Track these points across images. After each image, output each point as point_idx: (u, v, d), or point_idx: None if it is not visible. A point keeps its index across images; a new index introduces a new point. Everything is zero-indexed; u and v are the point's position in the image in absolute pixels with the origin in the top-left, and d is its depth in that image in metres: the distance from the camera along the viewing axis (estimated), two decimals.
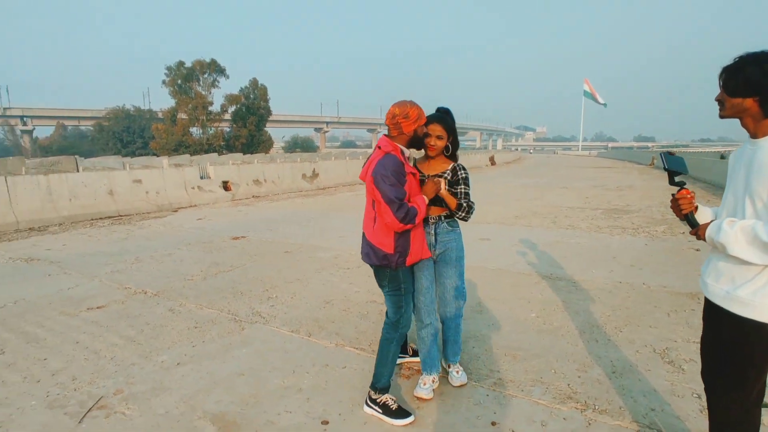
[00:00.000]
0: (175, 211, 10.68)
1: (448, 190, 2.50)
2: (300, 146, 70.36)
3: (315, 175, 16.21)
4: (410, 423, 2.30)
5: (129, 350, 3.22)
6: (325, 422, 2.33)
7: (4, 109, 55.38)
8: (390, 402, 2.36)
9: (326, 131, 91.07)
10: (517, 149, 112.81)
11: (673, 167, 1.70)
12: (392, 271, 2.32)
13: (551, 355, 3.02)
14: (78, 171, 9.68)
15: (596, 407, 2.41)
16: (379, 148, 2.29)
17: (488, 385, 2.67)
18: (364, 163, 2.39)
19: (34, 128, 59.55)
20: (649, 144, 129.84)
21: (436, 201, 2.50)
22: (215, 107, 42.73)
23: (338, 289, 4.51)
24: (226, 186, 13.04)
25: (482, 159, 33.69)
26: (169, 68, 41.11)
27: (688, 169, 1.75)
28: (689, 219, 1.66)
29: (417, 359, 2.89)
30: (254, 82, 45.71)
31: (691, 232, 1.66)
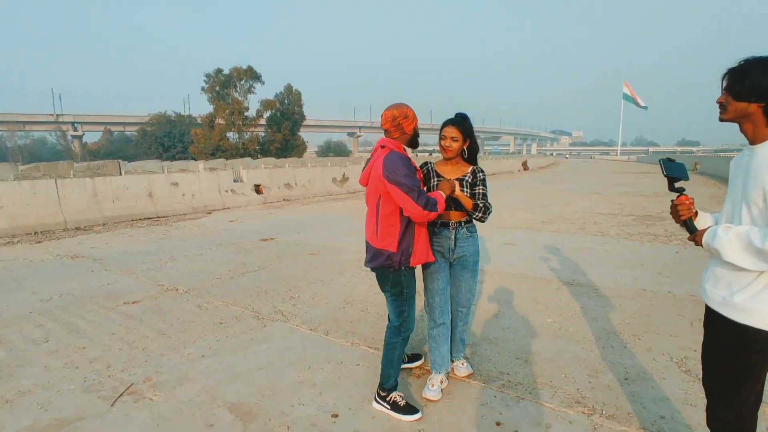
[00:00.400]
0: (210, 213, 11.11)
1: (468, 192, 2.58)
2: (333, 150, 71.27)
3: (345, 179, 16.47)
4: (417, 419, 2.37)
5: (159, 342, 3.43)
6: (335, 415, 2.44)
7: (57, 115, 58.90)
8: (398, 399, 2.44)
9: (359, 135, 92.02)
10: (551, 154, 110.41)
11: (673, 174, 1.72)
12: (395, 273, 2.39)
13: (563, 360, 3.02)
14: (121, 174, 10.22)
15: (604, 412, 2.41)
16: (382, 147, 2.36)
17: (497, 386, 2.71)
18: (364, 167, 2.47)
19: (83, 134, 63.00)
20: (694, 149, 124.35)
21: (457, 206, 2.58)
22: (251, 112, 44.03)
23: (358, 291, 4.62)
24: (258, 189, 13.45)
25: (514, 164, 33.21)
26: (208, 75, 42.70)
27: (688, 175, 1.76)
28: (687, 225, 1.68)
29: (411, 365, 2.96)
30: (289, 88, 46.83)
31: (689, 238, 1.67)
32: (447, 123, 2.60)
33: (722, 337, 1.58)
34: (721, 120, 1.60)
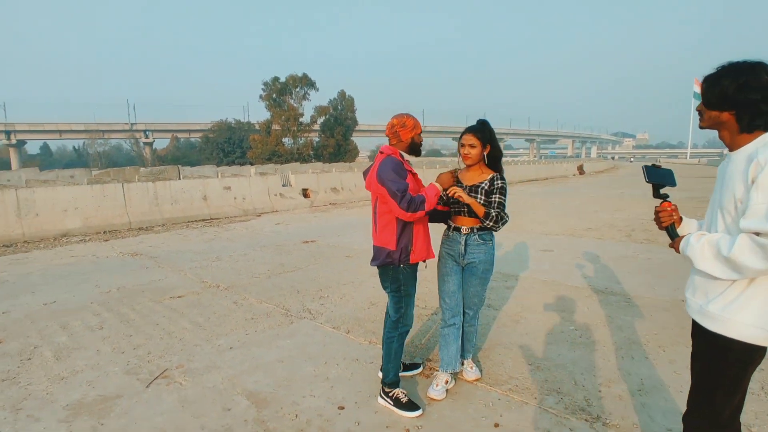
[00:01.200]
0: (259, 215, 11.68)
1: (482, 200, 2.62)
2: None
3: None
4: (417, 416, 2.47)
5: (195, 333, 3.74)
6: (341, 407, 2.59)
7: (131, 124, 63.85)
8: (401, 395, 2.55)
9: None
10: (613, 157, 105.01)
11: (655, 180, 1.72)
12: (395, 271, 2.51)
13: (577, 368, 2.99)
14: (179, 179, 11.01)
15: (607, 421, 2.39)
16: (381, 153, 2.52)
17: (503, 390, 2.74)
18: (366, 173, 2.61)
19: (154, 140, 67.79)
20: None
21: (470, 211, 2.64)
22: (305, 118, 45.52)
23: (384, 293, 4.74)
24: (305, 193, 13.95)
25: (569, 168, 32.01)
26: (265, 84, 44.68)
27: (675, 181, 1.75)
28: (669, 231, 1.67)
29: (408, 373, 2.98)
30: (342, 94, 48.03)
31: (669, 245, 1.67)
32: (465, 130, 2.68)
33: (700, 346, 1.57)
34: (700, 127, 1.59)
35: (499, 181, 2.65)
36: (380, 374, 2.71)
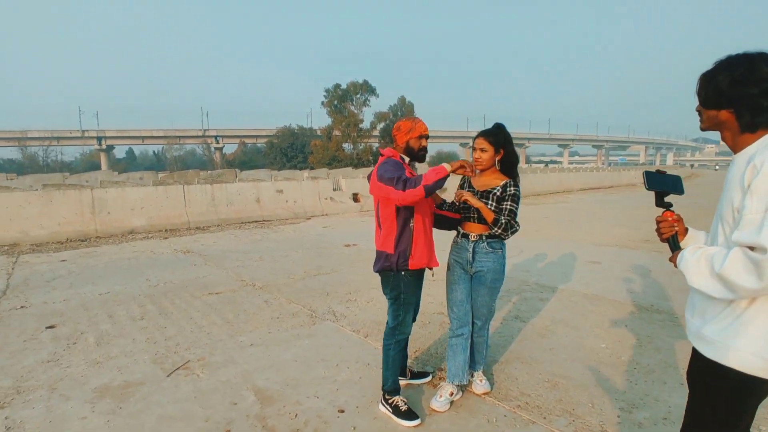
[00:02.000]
0: (309, 218, 12.02)
1: (493, 206, 2.54)
2: (444, 160, 71.49)
3: (443, 189, 16.50)
4: (415, 426, 2.41)
5: (223, 329, 3.92)
6: (342, 411, 2.59)
7: (204, 130, 68.33)
8: (400, 404, 2.51)
9: (471, 146, 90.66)
10: (692, 165, 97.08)
11: (658, 188, 1.57)
12: (394, 277, 2.48)
13: (598, 390, 2.78)
14: (235, 182, 11.60)
15: None
16: (382, 155, 2.52)
17: (511, 406, 2.61)
18: (369, 177, 2.59)
19: (224, 145, 72.05)
20: None
21: (479, 218, 2.57)
22: (365, 124, 46.35)
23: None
24: (355, 198, 14.16)
25: (636, 176, 29.99)
26: (327, 90, 46.06)
27: (682, 189, 1.59)
28: (670, 244, 1.52)
29: (417, 381, 2.93)
30: (402, 100, 48.40)
31: (669, 259, 1.51)
32: (478, 134, 2.62)
33: (693, 374, 1.40)
34: (701, 129, 1.44)
35: (512, 188, 2.54)
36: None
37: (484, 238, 2.59)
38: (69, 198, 8.93)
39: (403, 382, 2.82)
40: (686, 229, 1.54)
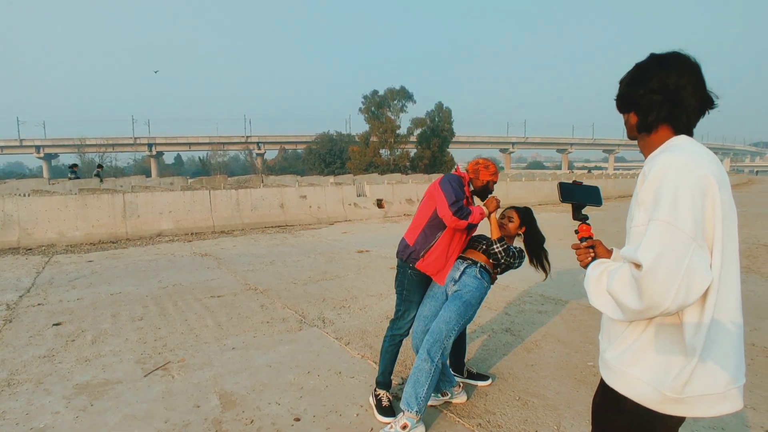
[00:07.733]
0: (332, 224, 12.15)
1: (497, 249, 2.61)
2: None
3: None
4: (387, 422, 2.45)
5: (212, 332, 4.01)
6: (297, 419, 2.58)
7: (247, 137, 70.72)
8: (384, 399, 2.62)
9: (512, 152, 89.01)
10: (754, 172, 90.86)
11: (571, 200, 1.48)
12: (403, 270, 2.63)
13: (570, 410, 2.64)
14: (260, 188, 11.90)
15: None
16: (455, 170, 2.70)
17: (470, 424, 2.52)
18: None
19: (265, 152, 74.27)
20: None
21: (486, 251, 2.66)
22: (402, 130, 46.47)
23: None
24: (380, 204, 14.19)
25: None
26: (365, 97, 46.59)
27: (599, 200, 1.49)
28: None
29: (474, 382, 2.98)
30: (439, 106, 48.20)
31: None
32: (510, 206, 2.82)
33: (597, 400, 1.30)
34: (627, 137, 1.36)
35: (512, 259, 2.64)
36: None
37: (479, 265, 2.63)
38: (102, 202, 9.47)
39: (459, 380, 2.89)
40: (610, 251, 1.42)
